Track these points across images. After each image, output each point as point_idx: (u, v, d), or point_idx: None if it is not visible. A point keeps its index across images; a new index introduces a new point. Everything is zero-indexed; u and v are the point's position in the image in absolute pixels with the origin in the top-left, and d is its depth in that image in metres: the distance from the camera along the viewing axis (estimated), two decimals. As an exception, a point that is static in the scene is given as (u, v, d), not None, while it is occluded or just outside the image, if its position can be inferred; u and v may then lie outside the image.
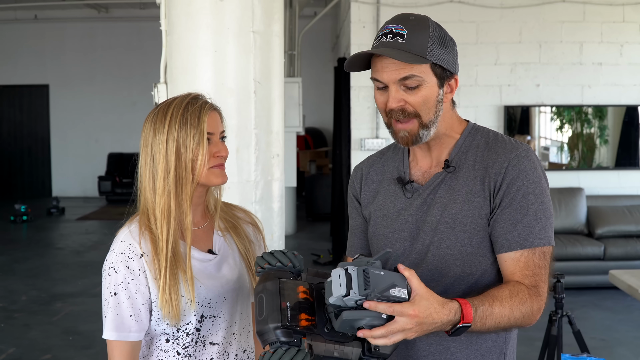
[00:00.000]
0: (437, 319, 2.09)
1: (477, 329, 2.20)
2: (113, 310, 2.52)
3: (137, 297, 2.51)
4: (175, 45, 4.88)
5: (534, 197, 2.36)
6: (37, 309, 9.13)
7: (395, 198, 2.55)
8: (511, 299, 2.27)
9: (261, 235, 2.90)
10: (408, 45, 2.32)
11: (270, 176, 4.92)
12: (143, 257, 2.52)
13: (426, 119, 2.39)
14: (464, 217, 2.39)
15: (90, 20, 19.32)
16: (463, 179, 2.44)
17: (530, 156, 2.40)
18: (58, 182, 20.11)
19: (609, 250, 9.58)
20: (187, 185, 2.54)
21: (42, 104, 19.92)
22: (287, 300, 2.11)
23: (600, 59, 10.44)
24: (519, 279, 2.34)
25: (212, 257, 2.67)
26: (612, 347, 7.52)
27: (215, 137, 2.58)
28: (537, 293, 2.32)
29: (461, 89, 10.13)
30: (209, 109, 2.57)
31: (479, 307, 2.19)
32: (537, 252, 2.35)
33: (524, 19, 10.35)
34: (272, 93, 4.91)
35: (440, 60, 2.36)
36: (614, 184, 10.64)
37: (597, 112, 10.54)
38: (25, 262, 11.97)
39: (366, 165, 2.75)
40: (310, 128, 18.56)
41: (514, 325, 2.29)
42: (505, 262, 2.38)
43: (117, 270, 2.52)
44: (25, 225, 15.68)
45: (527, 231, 2.34)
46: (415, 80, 2.33)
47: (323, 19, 14.09)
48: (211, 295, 2.60)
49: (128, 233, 2.58)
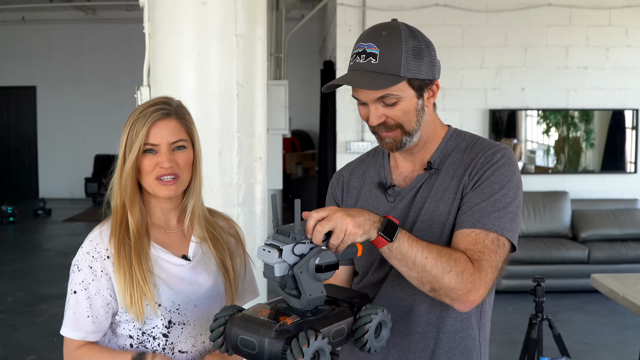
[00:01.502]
0: (358, 210, 2.18)
1: (405, 250, 2.20)
2: (71, 308, 2.54)
3: (96, 298, 2.52)
4: (158, 48, 4.89)
5: (499, 187, 2.35)
6: (23, 310, 9.13)
7: (378, 202, 2.56)
8: (443, 248, 2.27)
9: (242, 246, 2.88)
10: (381, 66, 2.33)
11: (252, 179, 4.93)
12: (109, 258, 2.52)
13: (409, 128, 2.42)
14: (440, 214, 2.41)
15: (77, 22, 19.28)
16: (442, 178, 2.46)
17: (506, 154, 2.42)
18: (45, 184, 20.05)
19: (593, 253, 9.61)
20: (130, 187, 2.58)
21: (29, 106, 19.85)
22: (259, 317, 2.13)
23: (585, 62, 10.47)
24: (462, 249, 2.31)
25: (185, 263, 2.65)
26: (595, 350, 7.55)
27: (161, 148, 2.57)
28: (477, 267, 2.27)
29: (446, 92, 10.18)
30: (157, 119, 2.56)
31: (403, 230, 2.23)
32: (490, 236, 2.31)
33: (510, 23, 10.38)
34: (255, 96, 4.91)
35: (416, 73, 2.36)
36: (599, 187, 10.68)
37: (584, 115, 10.57)
38: (12, 264, 11.95)
39: (347, 172, 2.75)
40: (297, 130, 18.55)
41: (442, 278, 2.22)
42: (455, 237, 2.36)
43: (80, 269, 2.54)
44: (12, 227, 15.64)
45: (481, 214, 2.33)
46: (392, 98, 2.36)
47: (310, 21, 14.09)
48: (180, 301, 2.59)
49: (98, 233, 2.59)
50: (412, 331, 2.47)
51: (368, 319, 2.19)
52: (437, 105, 2.58)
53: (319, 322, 2.13)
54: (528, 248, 9.54)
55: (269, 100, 11.02)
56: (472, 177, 2.40)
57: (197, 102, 4.71)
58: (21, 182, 20.18)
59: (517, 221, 2.38)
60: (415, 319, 2.47)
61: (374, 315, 2.19)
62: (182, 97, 4.63)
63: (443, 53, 10.37)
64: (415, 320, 2.47)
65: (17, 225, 15.79)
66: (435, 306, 2.44)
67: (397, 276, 2.39)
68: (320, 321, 2.13)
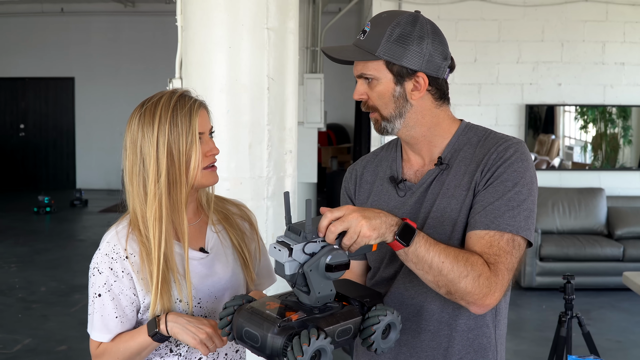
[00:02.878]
0: (376, 211, 2.15)
1: (422, 254, 2.18)
2: (98, 311, 2.51)
3: (120, 298, 2.49)
4: (190, 40, 4.90)
5: (513, 185, 2.32)
6: (56, 300, 9.21)
7: (389, 197, 2.55)
8: (460, 252, 2.24)
9: (256, 231, 2.87)
10: (363, 42, 2.39)
11: (282, 172, 4.93)
12: (128, 258, 2.49)
13: (385, 113, 2.43)
14: (452, 211, 2.38)
15: (116, 14, 19.38)
16: (453, 174, 2.43)
17: (519, 148, 2.38)
18: (82, 174, 20.18)
19: (628, 251, 9.53)
20: (181, 189, 2.51)
21: (67, 97, 20.00)
22: (265, 311, 2.13)
23: (622, 58, 10.39)
24: (478, 252, 2.28)
25: (204, 256, 2.64)
26: (628, 348, 7.49)
27: (205, 136, 2.55)
28: (493, 271, 2.25)
29: (482, 87, 10.11)
30: (199, 108, 2.53)
31: (421, 232, 2.21)
32: (505, 237, 2.28)
33: (547, 18, 10.31)
34: (286, 90, 4.91)
35: (393, 57, 2.36)
36: (636, 184, 10.58)
37: (621, 112, 10.49)
38: (46, 254, 12.04)
39: (360, 166, 2.74)
40: (333, 124, 18.53)
41: (458, 283, 2.20)
42: (469, 238, 2.33)
43: (101, 271, 2.49)
44: (48, 217, 15.77)
45: (495, 214, 2.29)
46: (367, 76, 2.40)
47: (347, 15, 14.06)
48: (201, 295, 2.58)
49: (114, 234, 2.55)
50: (424, 329, 2.45)
51: (376, 320, 2.17)
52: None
53: (325, 320, 2.12)
54: (562, 245, 9.47)
55: (304, 93, 11.05)
56: (484, 175, 2.36)
57: (227, 94, 4.72)
58: (58, 172, 20.33)
59: (532, 218, 2.34)
60: (427, 317, 2.45)
61: (383, 317, 2.18)
62: (213, 90, 4.72)
63: (479, 47, 10.47)
64: (427, 319, 2.45)
65: (53, 216, 15.92)
66: (447, 304, 2.42)
67: (409, 273, 2.38)
68: (326, 319, 2.13)
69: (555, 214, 9.97)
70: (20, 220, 15.40)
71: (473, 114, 9.88)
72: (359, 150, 11.58)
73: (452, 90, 2.61)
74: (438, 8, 10.06)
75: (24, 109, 20.21)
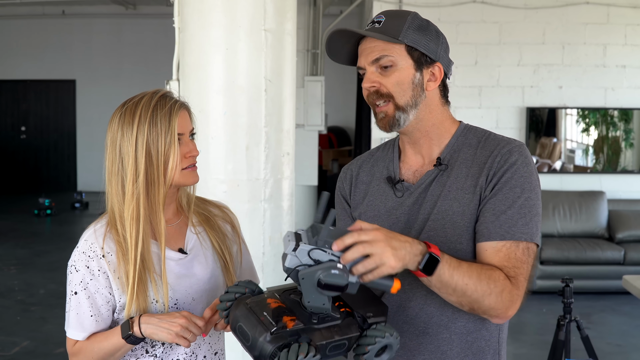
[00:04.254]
0: (403, 239, 2.09)
1: (445, 280, 2.16)
2: (74, 309, 2.51)
3: (96, 297, 2.50)
4: (187, 42, 4.90)
5: (521, 191, 2.31)
6: (55, 302, 9.17)
7: (386, 198, 2.52)
8: (482, 269, 2.23)
9: (237, 233, 2.86)
10: (383, 29, 2.36)
11: (280, 174, 4.92)
12: (105, 257, 2.50)
13: (401, 102, 2.38)
14: (454, 214, 2.36)
15: (117, 17, 19.39)
16: (454, 176, 2.41)
17: (523, 151, 2.37)
18: (83, 177, 20.18)
19: (629, 254, 9.49)
20: (159, 189, 2.51)
21: (68, 99, 20.01)
22: (262, 312, 2.11)
23: (624, 61, 10.36)
24: (497, 266, 2.28)
25: (182, 256, 2.63)
26: (628, 352, 7.47)
27: (185, 137, 2.55)
28: (514, 284, 2.26)
29: (483, 89, 10.10)
30: (179, 109, 2.53)
31: (445, 254, 2.18)
32: (520, 247, 2.29)
33: (548, 20, 10.29)
34: (284, 92, 4.90)
35: (416, 43, 2.36)
36: (637, 187, 10.55)
37: (623, 115, 10.46)
38: (46, 256, 12.02)
39: (355, 166, 2.71)
40: (334, 127, 18.52)
41: (482, 301, 2.22)
42: (485, 251, 2.31)
43: (78, 269, 2.50)
44: (49, 219, 15.77)
45: (510, 223, 2.29)
46: (387, 60, 2.36)
47: (348, 17, 14.03)
48: (178, 296, 2.58)
49: (92, 232, 2.55)
50: (423, 332, 2.43)
51: (373, 340, 2.15)
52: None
53: (320, 334, 2.10)
54: (563, 248, 9.45)
55: (305, 96, 11.03)
56: (490, 180, 2.34)
57: (225, 96, 4.72)
58: (59, 174, 20.34)
59: (540, 221, 2.37)
60: (426, 320, 2.42)
61: (380, 339, 2.14)
62: (211, 92, 4.72)
63: (480, 50, 10.46)
64: (426, 321, 2.42)
65: (54, 218, 15.91)
66: (446, 307, 2.39)
67: (407, 275, 2.35)
68: (322, 332, 2.10)
69: (556, 217, 9.95)
70: (20, 222, 15.40)
71: (474, 117, 9.86)
72: (360, 153, 11.55)
73: (453, 93, 2.63)
74: (439, 10, 10.04)
75: (25, 111, 20.18)
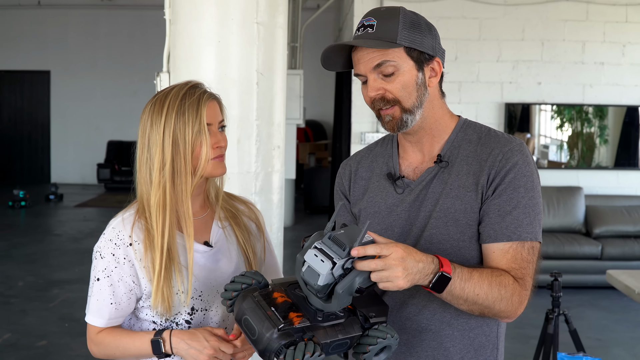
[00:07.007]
0: (417, 258, 2.10)
1: (457, 293, 2.20)
2: (95, 295, 2.53)
3: (119, 285, 2.51)
4: (179, 34, 4.87)
5: (525, 191, 2.33)
6: (34, 295, 9.14)
7: (386, 194, 2.52)
8: (492, 276, 2.26)
9: (262, 232, 2.87)
10: (377, 34, 2.32)
11: (270, 168, 4.92)
12: (132, 245, 2.51)
13: (408, 104, 2.37)
14: (457, 212, 2.37)
15: (93, 8, 19.32)
16: (455, 174, 2.41)
17: (523, 150, 2.38)
18: (57, 169, 20.11)
19: (606, 250, 9.59)
20: (186, 178, 2.51)
21: (43, 90, 19.92)
22: (269, 307, 2.13)
23: (602, 58, 10.43)
24: (505, 269, 2.32)
25: (208, 249, 2.64)
26: (608, 347, 7.53)
27: (213, 128, 2.55)
28: (522, 285, 2.31)
29: (462, 85, 10.15)
30: (208, 99, 2.53)
31: (457, 267, 2.20)
32: (526, 247, 2.33)
33: (527, 17, 10.34)
34: (275, 85, 4.90)
35: (413, 43, 2.33)
36: (613, 183, 10.64)
37: (598, 111, 10.54)
38: (23, 248, 11.97)
39: (354, 162, 2.70)
40: (311, 121, 18.56)
41: (493, 307, 2.26)
42: (492, 252, 2.34)
43: (103, 256, 2.52)
44: (24, 211, 15.70)
45: (515, 224, 2.31)
46: (389, 65, 2.33)
47: (326, 11, 14.07)
48: (203, 288, 2.58)
49: (120, 220, 2.56)
50: (425, 329, 2.45)
51: (374, 341, 2.18)
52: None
53: (325, 332, 2.13)
54: (542, 243, 9.48)
55: (284, 89, 11.00)
56: (492, 180, 2.36)
57: (216, 89, 4.66)
58: (33, 166, 20.25)
59: (542, 218, 2.40)
60: (428, 317, 2.44)
61: (382, 339, 2.18)
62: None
63: (460, 45, 10.49)
64: (429, 318, 2.44)
65: (28, 210, 15.85)
66: (449, 304, 2.38)
67: None
68: (326, 330, 2.13)
69: (534, 212, 9.99)
70: (-5, 214, 15.32)
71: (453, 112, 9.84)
72: (339, 147, 11.56)
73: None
74: (419, 5, 10.05)
75: (-1, 103, 20.07)
